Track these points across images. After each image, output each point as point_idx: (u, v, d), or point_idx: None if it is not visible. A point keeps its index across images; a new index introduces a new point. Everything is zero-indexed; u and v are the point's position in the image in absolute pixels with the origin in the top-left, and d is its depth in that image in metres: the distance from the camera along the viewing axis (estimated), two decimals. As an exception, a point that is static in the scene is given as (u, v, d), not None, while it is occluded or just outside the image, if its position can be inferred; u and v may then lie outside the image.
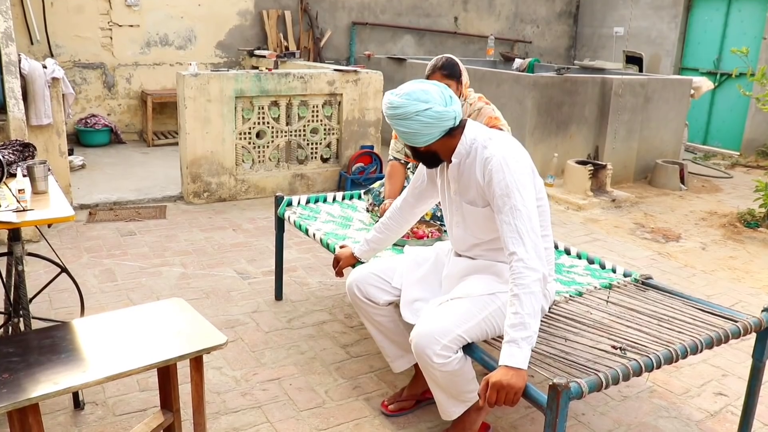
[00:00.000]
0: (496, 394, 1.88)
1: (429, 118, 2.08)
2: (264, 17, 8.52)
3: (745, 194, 6.57)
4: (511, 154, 2.10)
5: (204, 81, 5.31)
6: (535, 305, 1.96)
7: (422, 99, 2.09)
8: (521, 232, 2.01)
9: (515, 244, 2.02)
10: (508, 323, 1.95)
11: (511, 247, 2.02)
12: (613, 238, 5.09)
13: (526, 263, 1.99)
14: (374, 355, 3.07)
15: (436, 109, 2.09)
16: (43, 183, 2.59)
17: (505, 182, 2.05)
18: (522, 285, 1.97)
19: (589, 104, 6.63)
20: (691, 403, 2.82)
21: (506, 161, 2.07)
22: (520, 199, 2.04)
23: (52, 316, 3.29)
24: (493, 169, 2.07)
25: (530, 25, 10.83)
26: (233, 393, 2.74)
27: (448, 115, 2.11)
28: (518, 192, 2.04)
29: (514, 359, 1.90)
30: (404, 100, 2.10)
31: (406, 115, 2.09)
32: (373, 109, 6.21)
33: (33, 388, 1.74)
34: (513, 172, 2.06)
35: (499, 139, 2.18)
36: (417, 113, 2.08)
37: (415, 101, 2.08)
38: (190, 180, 5.45)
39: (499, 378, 1.88)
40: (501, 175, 2.06)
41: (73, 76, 7.54)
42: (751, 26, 8.78)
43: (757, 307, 3.81)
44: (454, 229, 2.38)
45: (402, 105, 2.10)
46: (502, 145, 2.14)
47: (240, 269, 4.09)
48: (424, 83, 2.16)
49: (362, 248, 2.68)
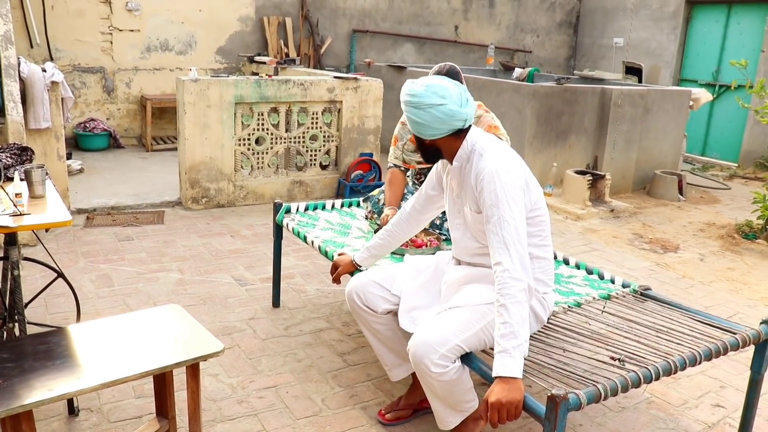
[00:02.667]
0: (497, 414, 1.88)
1: (441, 113, 2.12)
2: (265, 24, 8.54)
3: (743, 206, 6.58)
4: (503, 166, 2.12)
5: (204, 86, 5.31)
6: (522, 314, 1.97)
7: (440, 94, 2.12)
8: (507, 243, 2.03)
9: (501, 254, 2.03)
10: (498, 334, 1.96)
11: (497, 257, 2.04)
12: (612, 249, 5.09)
13: (511, 273, 2.00)
14: (371, 364, 3.06)
15: (450, 107, 2.12)
16: (40, 187, 2.58)
17: (495, 193, 2.07)
18: (508, 295, 1.98)
19: (589, 114, 6.64)
20: (689, 415, 2.81)
21: (498, 173, 2.09)
22: (508, 210, 2.05)
23: (47, 321, 3.27)
24: (485, 179, 2.10)
25: (530, 35, 10.86)
26: (229, 400, 2.72)
27: (459, 116, 2.14)
28: (507, 203, 2.06)
29: (508, 369, 1.90)
30: (423, 90, 2.13)
31: (421, 105, 2.13)
32: (373, 117, 6.21)
33: (27, 394, 1.73)
34: (504, 184, 2.08)
35: (495, 149, 2.20)
36: (431, 106, 2.12)
37: (432, 94, 2.12)
38: (189, 185, 5.44)
39: (497, 397, 1.87)
40: (492, 185, 2.08)
41: (73, 80, 7.54)
42: (750, 39, 8.81)
43: (755, 318, 3.80)
44: (455, 231, 2.39)
45: (419, 95, 2.13)
46: (497, 156, 2.15)
47: (237, 276, 4.07)
48: (446, 80, 2.19)
49: (362, 255, 2.68)
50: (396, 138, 3.33)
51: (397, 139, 3.32)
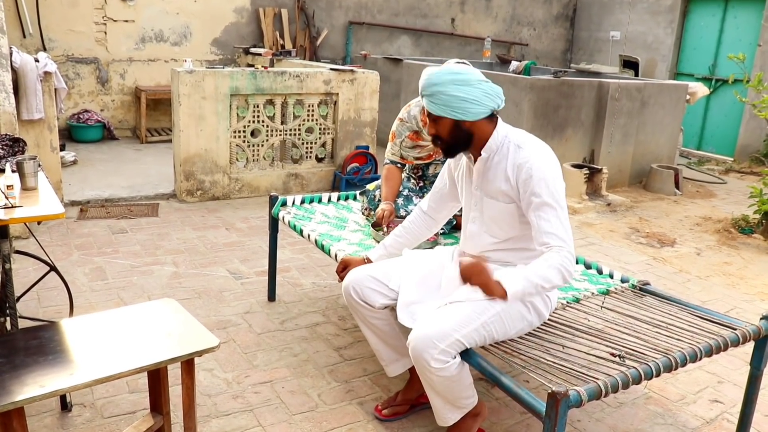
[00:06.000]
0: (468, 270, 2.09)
1: (489, 89, 2.16)
2: (260, 15, 8.47)
3: (739, 200, 6.58)
4: (549, 158, 2.18)
5: (199, 78, 5.26)
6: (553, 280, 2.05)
7: (476, 76, 2.15)
8: (564, 227, 2.09)
9: (556, 239, 2.07)
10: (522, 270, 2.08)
11: (549, 239, 2.08)
12: (609, 243, 5.08)
13: (568, 249, 2.07)
14: (368, 358, 3.04)
15: (492, 86, 2.16)
16: (32, 179, 2.54)
17: (545, 181, 2.11)
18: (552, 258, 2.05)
19: (586, 108, 6.61)
20: (687, 410, 2.80)
21: (546, 163, 2.15)
22: (561, 198, 2.12)
23: (40, 315, 3.23)
24: (533, 168, 2.12)
25: (527, 28, 10.82)
26: (224, 396, 2.70)
27: (500, 93, 2.18)
28: (558, 191, 2.12)
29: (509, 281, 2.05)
30: (466, 68, 2.16)
31: (470, 82, 2.13)
32: (369, 109, 6.17)
33: (18, 390, 1.70)
34: (553, 174, 2.14)
35: (535, 141, 2.23)
36: (480, 82, 2.14)
37: (475, 71, 2.16)
38: (184, 178, 5.40)
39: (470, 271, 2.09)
40: (541, 173, 2.11)
41: (66, 71, 7.46)
42: (747, 33, 8.80)
43: (752, 313, 3.80)
44: (470, 224, 2.37)
45: (466, 71, 2.15)
46: (540, 148, 2.20)
47: (233, 269, 4.04)
48: None
49: (379, 252, 2.61)
50: (393, 134, 3.29)
51: (394, 136, 3.29)
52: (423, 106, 3.19)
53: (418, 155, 3.28)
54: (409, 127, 3.21)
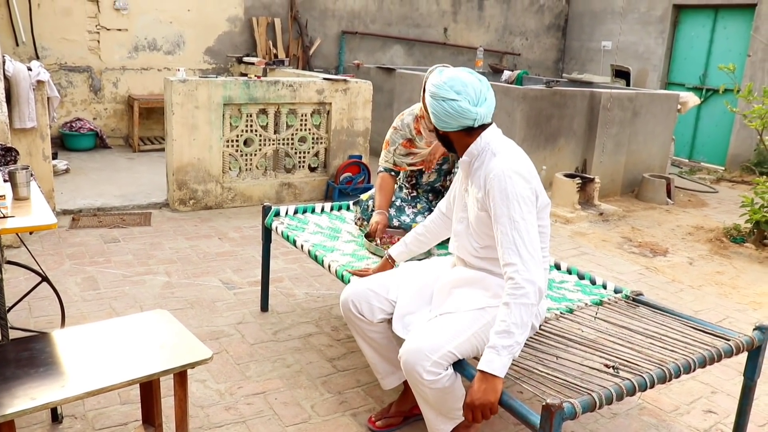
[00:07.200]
0: (471, 413, 1.94)
1: (451, 109, 2.12)
2: (254, 24, 8.48)
3: (730, 209, 6.61)
4: (515, 167, 2.10)
5: (192, 87, 5.26)
6: (524, 316, 1.96)
7: (456, 89, 2.11)
8: (518, 244, 2.01)
9: (511, 255, 2.02)
10: (494, 330, 1.97)
11: (507, 258, 2.02)
12: (601, 252, 5.09)
13: (522, 275, 1.99)
14: (361, 369, 3.02)
15: (461, 105, 2.11)
16: (25, 189, 2.53)
17: (506, 192, 2.05)
18: (515, 295, 1.98)
19: (578, 117, 6.65)
20: (681, 421, 2.80)
21: (509, 173, 2.08)
22: (518, 211, 2.04)
23: (31, 325, 3.21)
24: (495, 178, 2.08)
25: (519, 38, 10.88)
26: (217, 407, 2.68)
27: (469, 114, 2.12)
28: (517, 203, 2.04)
29: (491, 365, 1.92)
30: (442, 82, 2.14)
31: (435, 96, 2.14)
32: (362, 119, 6.18)
33: (9, 403, 1.68)
34: (515, 185, 2.06)
35: (509, 150, 2.18)
36: (444, 100, 2.12)
37: (449, 89, 2.12)
38: (176, 187, 5.38)
39: (471, 398, 1.92)
40: (502, 184, 2.06)
41: (59, 79, 7.44)
42: (737, 43, 8.87)
43: (745, 323, 3.81)
44: (457, 224, 2.37)
45: (437, 86, 2.15)
46: (510, 157, 2.14)
47: (225, 279, 4.03)
48: (472, 75, 2.17)
49: (399, 249, 2.67)
50: (387, 142, 3.30)
51: (388, 143, 3.30)
52: (416, 115, 3.22)
53: (411, 162, 3.29)
54: (403, 134, 3.23)
